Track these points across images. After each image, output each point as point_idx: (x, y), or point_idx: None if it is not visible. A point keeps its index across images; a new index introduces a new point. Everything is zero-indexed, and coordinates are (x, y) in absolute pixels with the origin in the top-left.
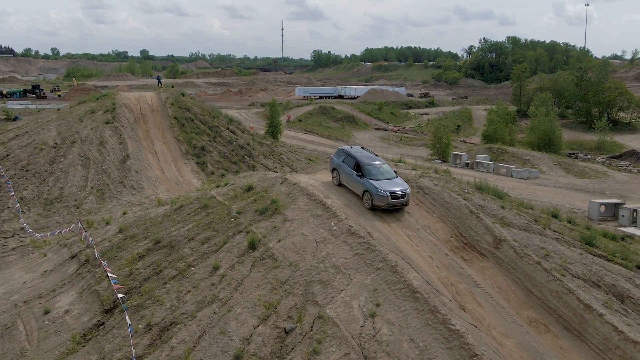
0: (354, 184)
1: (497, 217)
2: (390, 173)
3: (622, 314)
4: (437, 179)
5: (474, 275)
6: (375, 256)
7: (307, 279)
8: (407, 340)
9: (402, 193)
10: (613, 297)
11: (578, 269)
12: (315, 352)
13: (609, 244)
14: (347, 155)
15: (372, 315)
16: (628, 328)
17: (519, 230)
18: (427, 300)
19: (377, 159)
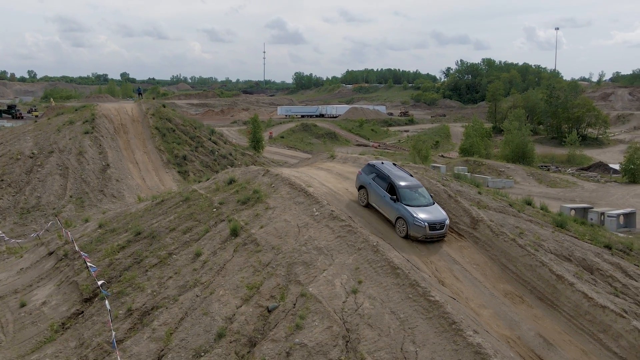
0: (385, 207)
1: (474, 200)
2: (427, 198)
3: (591, 284)
4: (416, 168)
5: (452, 254)
6: (356, 238)
7: (289, 261)
8: (389, 313)
9: (441, 224)
10: (583, 269)
11: (550, 245)
12: (298, 327)
13: (579, 227)
14: (379, 173)
15: (354, 291)
16: (597, 295)
17: (494, 212)
18: (408, 275)
19: (413, 180)
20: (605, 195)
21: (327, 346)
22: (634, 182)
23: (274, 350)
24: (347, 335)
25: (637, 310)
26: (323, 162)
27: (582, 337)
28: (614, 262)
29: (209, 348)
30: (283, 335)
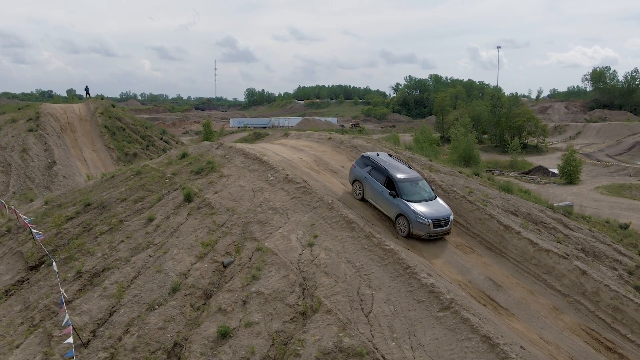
0: (384, 203)
1: (425, 165)
2: (429, 192)
3: (536, 233)
4: (368, 140)
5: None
6: (312, 197)
7: (244, 221)
8: (345, 262)
9: (446, 220)
10: (528, 221)
11: (498, 202)
12: (254, 278)
13: (523, 194)
14: (375, 166)
15: (310, 244)
16: (541, 241)
17: (445, 175)
18: (363, 228)
19: (412, 172)
20: (545, 194)
21: (284, 293)
22: (571, 183)
23: (230, 299)
24: (304, 283)
25: (578, 254)
26: (277, 140)
27: (529, 279)
28: (556, 218)
29: (163, 301)
30: (239, 286)
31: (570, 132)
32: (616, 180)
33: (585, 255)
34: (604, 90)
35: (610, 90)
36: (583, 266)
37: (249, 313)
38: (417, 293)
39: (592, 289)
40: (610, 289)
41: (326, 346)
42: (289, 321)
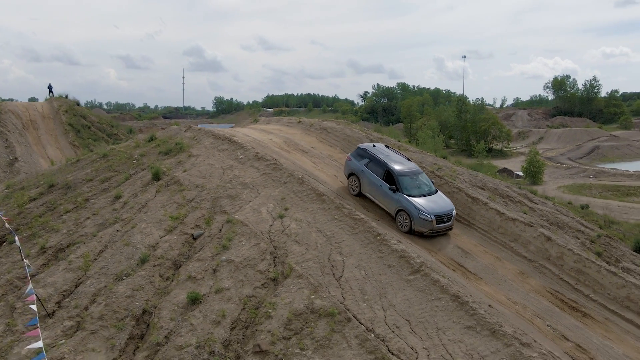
0: (383, 198)
1: (395, 145)
2: (430, 185)
3: (503, 204)
4: (337, 122)
5: None
6: (282, 173)
7: (214, 196)
8: (315, 232)
9: (449, 216)
10: (495, 195)
11: (465, 177)
12: (224, 248)
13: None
14: (372, 159)
15: (280, 216)
16: (508, 211)
17: (414, 153)
18: (333, 200)
19: (412, 164)
20: None
21: (255, 260)
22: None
23: (200, 267)
24: (275, 251)
25: (543, 223)
26: (246, 125)
27: (496, 247)
28: (521, 193)
29: (131, 272)
30: (209, 255)
31: (533, 138)
32: (577, 180)
33: (549, 225)
34: (564, 98)
35: (571, 99)
36: (548, 233)
37: (219, 280)
38: (387, 258)
39: (556, 253)
40: (574, 252)
41: (298, 308)
42: (260, 287)
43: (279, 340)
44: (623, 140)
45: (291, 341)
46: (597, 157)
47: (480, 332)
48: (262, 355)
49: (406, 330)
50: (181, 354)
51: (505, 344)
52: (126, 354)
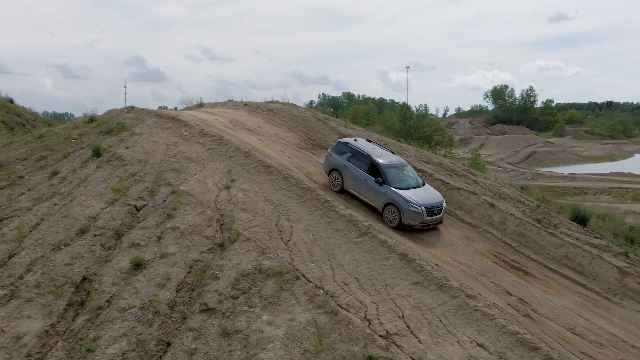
0: (368, 193)
1: (341, 124)
2: (416, 178)
3: (447, 176)
4: (284, 104)
5: (322, 162)
6: (228, 148)
7: (158, 170)
8: (263, 200)
9: (439, 208)
10: (440, 168)
11: (411, 153)
12: (169, 216)
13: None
14: (355, 152)
15: (227, 187)
16: (452, 181)
17: (361, 131)
18: (281, 171)
19: (397, 157)
20: None
21: (201, 227)
22: None
23: (144, 235)
24: (222, 219)
25: (486, 192)
26: (190, 110)
27: None
28: (465, 169)
29: (70, 242)
30: (153, 224)
31: (475, 144)
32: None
33: (492, 195)
34: (503, 107)
35: (509, 108)
36: (491, 200)
37: (164, 246)
38: (335, 223)
39: (499, 219)
40: (515, 217)
41: (245, 268)
42: (206, 251)
43: (227, 299)
44: (558, 146)
45: (239, 300)
46: (534, 161)
47: (428, 286)
48: (209, 313)
49: (355, 287)
50: (124, 316)
51: (451, 296)
52: (65, 320)
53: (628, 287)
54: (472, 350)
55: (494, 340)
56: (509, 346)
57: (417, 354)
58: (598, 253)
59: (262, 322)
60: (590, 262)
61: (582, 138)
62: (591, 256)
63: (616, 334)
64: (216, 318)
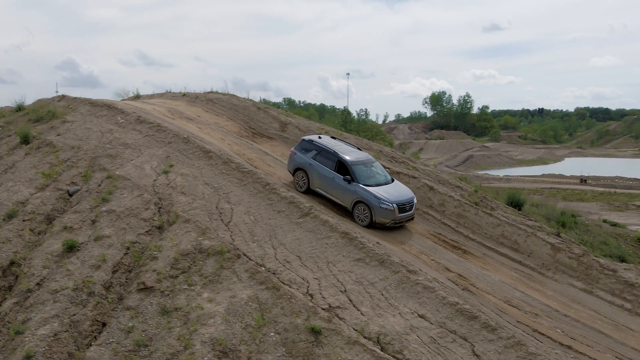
0: (337, 191)
1: (282, 113)
2: (385, 174)
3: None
4: (223, 94)
5: (263, 149)
6: (166, 135)
7: (92, 156)
8: (202, 184)
9: (410, 204)
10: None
11: (352, 141)
12: (104, 200)
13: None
14: (321, 150)
15: (165, 172)
16: (393, 166)
17: (301, 120)
18: (221, 156)
19: (364, 154)
20: None
21: (138, 209)
22: None
23: (77, 219)
24: (160, 202)
25: (425, 177)
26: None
27: None
28: (405, 157)
29: None
30: (87, 207)
31: (414, 149)
32: None
33: (431, 179)
34: (441, 113)
35: (447, 114)
36: (430, 183)
37: (99, 229)
38: (277, 205)
39: (438, 201)
40: (454, 199)
41: (185, 248)
42: (144, 234)
43: (166, 279)
44: (493, 151)
45: (178, 279)
46: (471, 164)
47: (369, 263)
48: (147, 292)
49: (297, 265)
50: (56, 297)
51: (393, 271)
52: None
53: (560, 262)
54: (414, 321)
55: (435, 311)
56: (449, 316)
57: (359, 325)
58: (532, 231)
59: (203, 300)
60: (525, 240)
61: (516, 143)
62: (526, 234)
63: (549, 304)
64: (155, 297)
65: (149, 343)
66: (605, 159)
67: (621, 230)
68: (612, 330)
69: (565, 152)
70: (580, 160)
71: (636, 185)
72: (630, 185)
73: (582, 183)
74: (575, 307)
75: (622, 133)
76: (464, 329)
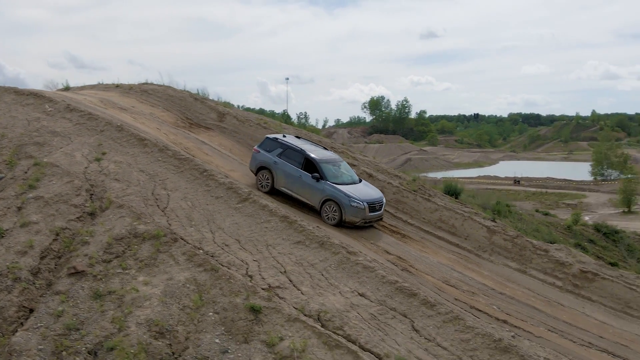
0: (304, 190)
1: (219, 104)
2: (352, 174)
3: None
4: (159, 85)
5: (200, 139)
6: (98, 123)
7: (17, 144)
8: (137, 171)
9: (380, 204)
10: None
11: (292, 132)
12: (31, 187)
13: None
14: (287, 148)
15: (97, 159)
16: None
17: (239, 111)
18: (156, 144)
19: (330, 153)
20: None
21: (69, 196)
22: None
23: (1, 206)
24: (92, 189)
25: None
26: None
27: None
28: (345, 147)
29: None
30: (13, 194)
31: None
32: None
33: (370, 168)
34: (380, 118)
35: (385, 118)
36: (369, 170)
37: (25, 215)
38: (215, 191)
39: (377, 187)
40: (393, 185)
41: (119, 233)
42: (74, 220)
43: (98, 263)
44: (431, 154)
45: (112, 263)
46: (409, 168)
47: (310, 245)
48: (78, 276)
49: (236, 248)
50: None
51: (333, 253)
52: None
53: (496, 244)
54: (354, 299)
55: (375, 289)
56: (389, 294)
57: (300, 303)
58: (469, 215)
59: (138, 283)
60: (462, 224)
61: (453, 147)
62: (463, 218)
63: (486, 284)
64: (86, 281)
65: (81, 327)
66: (537, 162)
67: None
68: (545, 306)
69: (499, 156)
70: (513, 163)
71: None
72: (560, 185)
73: (515, 184)
74: (510, 286)
75: (552, 138)
76: (403, 305)
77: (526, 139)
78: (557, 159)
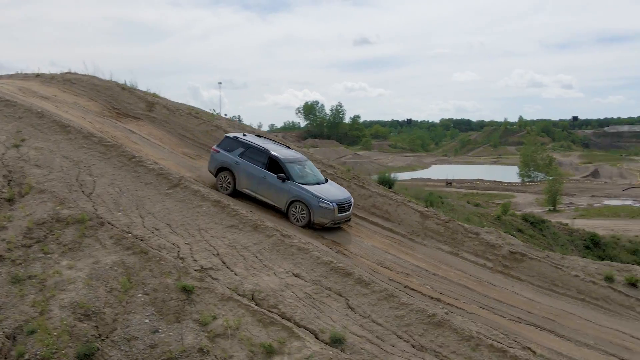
0: (269, 191)
1: (148, 94)
2: (318, 174)
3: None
4: (83, 75)
5: (129, 128)
6: (16, 109)
7: None
8: (60, 158)
9: (349, 204)
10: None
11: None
12: None
13: None
14: (249, 147)
15: (16, 146)
16: None
17: (169, 101)
18: (81, 131)
19: (295, 152)
20: None
21: None
22: None
23: None
24: (10, 175)
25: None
26: None
27: None
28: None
29: None
30: None
31: None
32: None
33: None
34: (314, 122)
35: (320, 123)
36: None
37: None
38: (144, 177)
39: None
40: (327, 173)
41: (40, 217)
42: None
43: (17, 248)
44: (365, 158)
45: (33, 248)
46: None
47: (243, 229)
48: None
49: (166, 232)
50: None
51: (267, 235)
52: None
53: (428, 229)
54: (289, 279)
55: (309, 270)
56: (324, 274)
57: (233, 284)
58: (402, 201)
59: (62, 267)
60: (395, 209)
61: (387, 151)
62: (396, 204)
63: (419, 265)
64: (4, 266)
65: None
66: (468, 165)
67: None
68: (477, 286)
69: (432, 160)
70: (445, 167)
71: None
72: (490, 187)
73: (448, 185)
74: (443, 268)
75: (482, 142)
76: (338, 285)
77: (457, 143)
78: (487, 163)
